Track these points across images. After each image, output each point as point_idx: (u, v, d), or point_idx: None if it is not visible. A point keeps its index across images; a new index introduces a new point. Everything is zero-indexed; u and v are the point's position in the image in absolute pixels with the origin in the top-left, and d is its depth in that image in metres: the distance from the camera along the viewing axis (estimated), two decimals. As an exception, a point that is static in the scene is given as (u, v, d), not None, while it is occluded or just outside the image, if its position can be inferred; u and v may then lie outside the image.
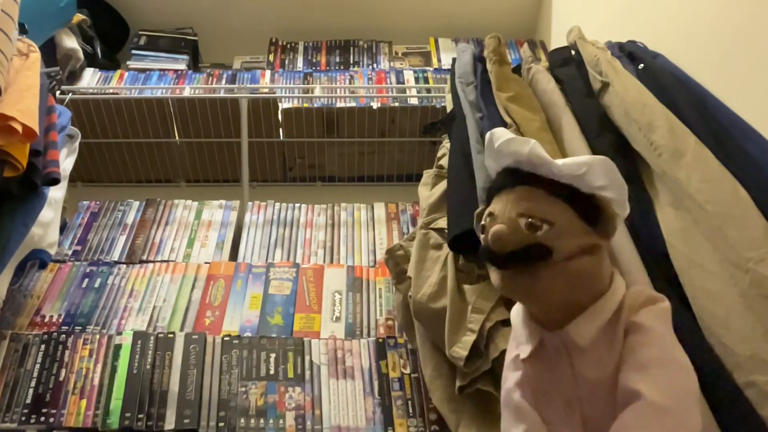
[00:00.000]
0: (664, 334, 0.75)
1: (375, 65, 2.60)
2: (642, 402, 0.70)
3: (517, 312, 0.88)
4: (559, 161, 0.79)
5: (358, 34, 2.73)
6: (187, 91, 2.29)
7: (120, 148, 2.27)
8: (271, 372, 1.47)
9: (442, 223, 1.40)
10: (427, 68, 2.52)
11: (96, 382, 1.44)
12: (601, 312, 0.76)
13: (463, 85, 1.61)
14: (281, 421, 1.38)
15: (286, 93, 2.34)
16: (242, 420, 1.39)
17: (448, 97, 1.71)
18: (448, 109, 1.68)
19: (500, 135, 0.83)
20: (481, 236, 0.82)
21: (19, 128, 1.31)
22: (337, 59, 2.64)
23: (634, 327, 0.75)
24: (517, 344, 0.86)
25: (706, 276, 0.99)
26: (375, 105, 2.22)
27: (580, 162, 0.78)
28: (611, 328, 0.76)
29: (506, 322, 1.15)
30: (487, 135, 0.85)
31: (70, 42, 2.30)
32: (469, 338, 1.15)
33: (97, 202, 2.00)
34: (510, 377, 0.84)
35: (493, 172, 0.88)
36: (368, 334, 1.58)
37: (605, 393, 0.74)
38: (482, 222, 0.82)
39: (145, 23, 2.72)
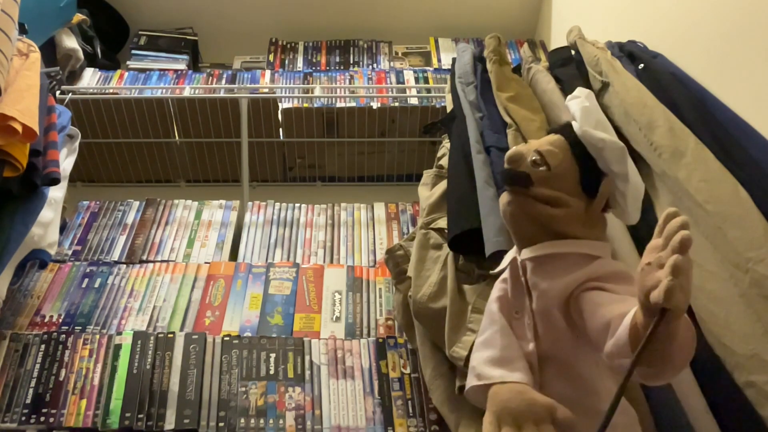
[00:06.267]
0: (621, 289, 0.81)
1: (375, 65, 2.60)
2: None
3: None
4: (591, 130, 0.90)
5: (358, 34, 2.73)
6: (187, 91, 2.29)
7: (120, 148, 2.27)
8: (271, 372, 1.47)
9: (442, 223, 1.40)
10: (427, 68, 2.52)
11: (96, 382, 1.44)
12: (551, 246, 0.88)
13: (463, 85, 1.61)
14: (281, 421, 1.38)
15: (286, 93, 2.34)
16: (242, 420, 1.39)
17: (448, 97, 1.71)
18: (448, 109, 1.68)
19: (575, 93, 0.97)
20: None
21: (19, 128, 1.31)
22: (337, 59, 2.64)
23: (594, 284, 0.83)
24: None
25: (706, 276, 0.99)
26: (375, 105, 2.22)
27: (599, 137, 0.89)
28: (571, 262, 0.86)
29: (506, 322, 1.16)
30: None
31: (70, 42, 2.30)
32: (469, 338, 1.15)
33: (97, 202, 2.00)
34: (494, 292, 0.98)
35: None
36: (368, 334, 1.58)
37: (550, 318, 0.86)
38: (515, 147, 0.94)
39: (145, 23, 2.71)
